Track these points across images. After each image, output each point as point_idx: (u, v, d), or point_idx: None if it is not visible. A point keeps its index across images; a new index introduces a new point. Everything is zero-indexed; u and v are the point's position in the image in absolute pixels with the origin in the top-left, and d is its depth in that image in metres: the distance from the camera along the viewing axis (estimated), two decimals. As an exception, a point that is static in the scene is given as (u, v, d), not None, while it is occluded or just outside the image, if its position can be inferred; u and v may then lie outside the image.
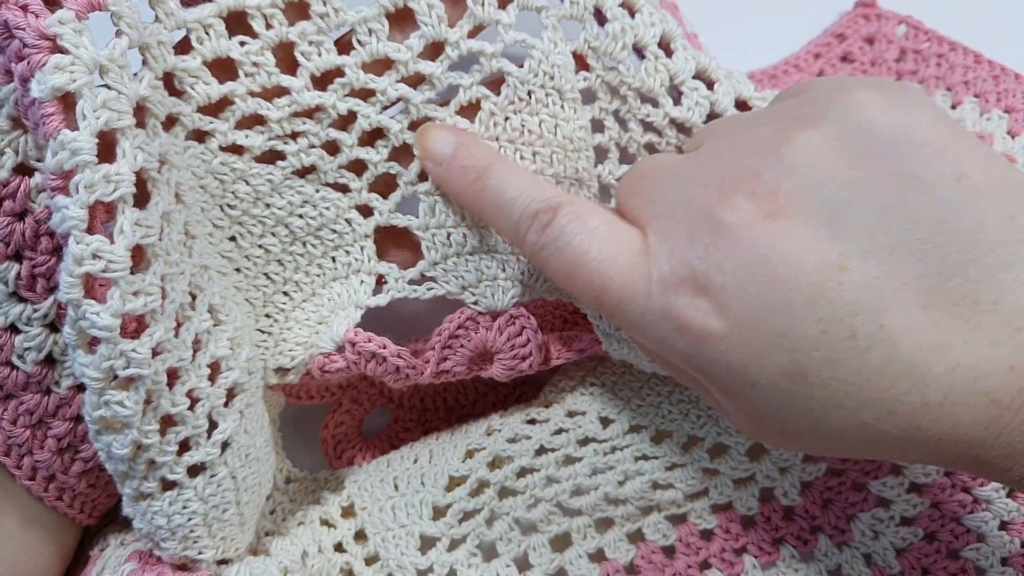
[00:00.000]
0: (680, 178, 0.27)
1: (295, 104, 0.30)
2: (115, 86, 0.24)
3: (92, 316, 0.24)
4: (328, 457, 0.40)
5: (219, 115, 0.30)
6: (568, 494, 0.36)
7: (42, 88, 0.23)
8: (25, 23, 0.23)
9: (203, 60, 0.29)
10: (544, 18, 0.31)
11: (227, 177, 0.31)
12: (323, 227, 0.33)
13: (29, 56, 0.23)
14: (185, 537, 0.30)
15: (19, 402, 0.29)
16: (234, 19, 0.29)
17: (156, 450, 0.27)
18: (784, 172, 0.25)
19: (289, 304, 0.34)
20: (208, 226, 0.31)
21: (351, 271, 0.33)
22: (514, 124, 0.32)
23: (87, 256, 0.24)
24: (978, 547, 0.35)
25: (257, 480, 0.32)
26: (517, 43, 0.31)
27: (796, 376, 0.24)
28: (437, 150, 0.31)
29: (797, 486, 0.37)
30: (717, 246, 0.25)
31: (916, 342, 0.23)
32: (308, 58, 0.30)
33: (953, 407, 0.23)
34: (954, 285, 0.23)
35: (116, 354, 0.25)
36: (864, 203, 0.24)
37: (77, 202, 0.23)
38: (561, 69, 0.32)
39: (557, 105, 0.32)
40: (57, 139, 0.23)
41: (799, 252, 0.24)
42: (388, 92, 0.31)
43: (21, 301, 0.28)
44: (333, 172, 0.32)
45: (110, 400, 0.25)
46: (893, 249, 0.24)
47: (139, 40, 0.26)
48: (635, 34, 0.32)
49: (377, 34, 0.30)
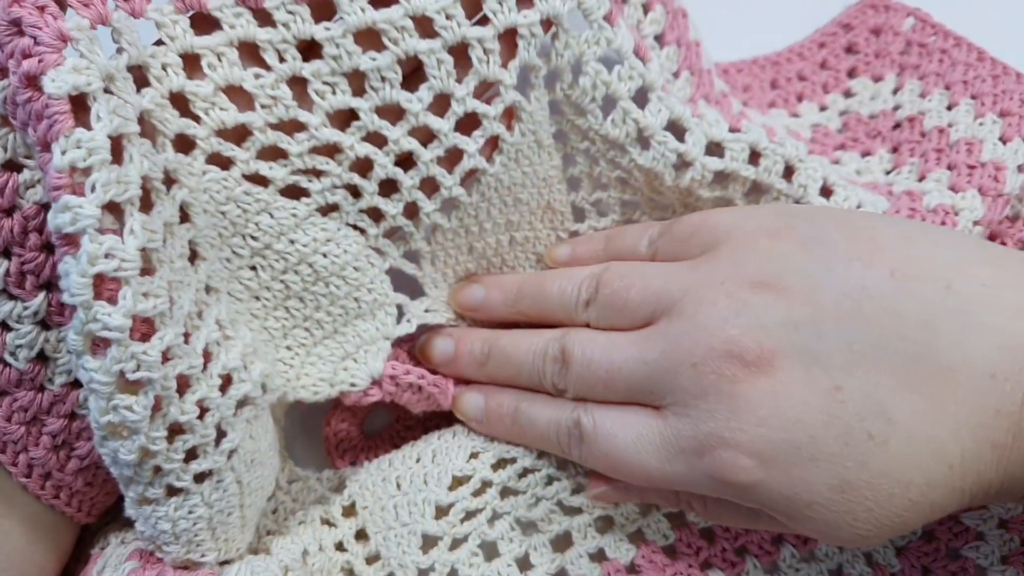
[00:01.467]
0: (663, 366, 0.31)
1: (314, 139, 0.30)
2: (121, 95, 0.25)
3: (103, 317, 0.24)
4: (330, 456, 0.40)
5: (241, 144, 0.30)
6: (569, 492, 0.36)
7: (59, 85, 0.23)
8: (43, 23, 0.23)
9: (216, 86, 0.29)
10: (534, 78, 0.32)
11: (251, 207, 0.31)
12: (347, 265, 0.33)
13: (42, 55, 0.23)
14: (189, 541, 0.30)
15: (13, 399, 0.29)
16: (247, 50, 0.29)
17: (163, 457, 0.27)
18: (758, 333, 0.29)
19: (310, 340, 0.34)
20: (226, 251, 0.31)
21: (376, 307, 0.34)
22: (504, 183, 0.34)
23: (100, 255, 0.24)
24: (977, 545, 0.36)
25: (260, 484, 0.32)
26: (515, 103, 0.32)
27: (843, 487, 0.28)
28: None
29: None
30: (734, 413, 0.29)
31: (918, 420, 0.27)
32: (323, 97, 0.30)
33: (970, 464, 0.27)
34: (928, 362, 0.27)
35: (127, 356, 0.24)
36: (830, 329, 0.28)
37: (93, 201, 0.23)
38: (541, 124, 0.33)
39: (535, 155, 0.34)
40: (71, 137, 0.23)
41: (800, 392, 0.28)
42: (401, 143, 0.31)
43: (11, 298, 0.28)
44: (355, 215, 0.33)
45: (118, 405, 0.25)
46: (865, 353, 0.28)
47: (139, 58, 0.27)
48: (607, 89, 0.33)
49: (391, 81, 0.30)
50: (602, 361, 0.32)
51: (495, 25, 0.30)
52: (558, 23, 0.31)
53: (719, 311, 0.30)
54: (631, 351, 0.32)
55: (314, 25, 0.29)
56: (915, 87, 0.42)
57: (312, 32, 0.29)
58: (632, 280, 0.33)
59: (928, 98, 0.41)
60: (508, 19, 0.30)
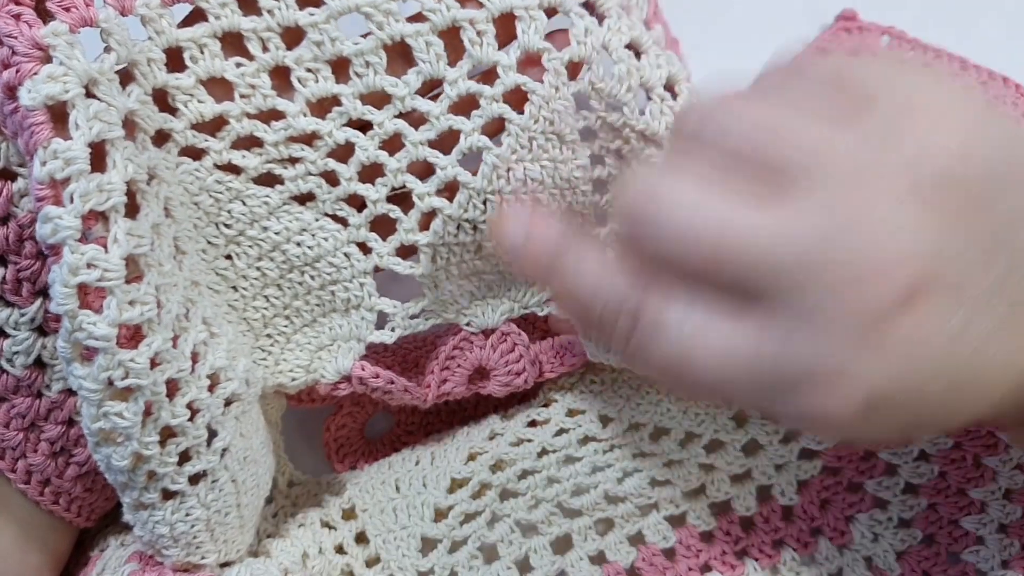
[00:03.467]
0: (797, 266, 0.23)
1: (291, 128, 0.30)
2: (105, 98, 0.25)
3: (88, 326, 0.24)
4: (331, 461, 0.40)
5: (215, 134, 0.30)
6: (569, 494, 0.36)
7: (34, 96, 0.23)
8: (17, 31, 0.23)
9: (197, 79, 0.29)
10: (546, 61, 0.31)
11: (222, 196, 0.31)
12: (320, 258, 0.32)
13: (19, 64, 0.23)
14: (188, 543, 0.30)
15: (11, 405, 0.29)
16: (230, 40, 0.29)
17: (157, 461, 0.27)
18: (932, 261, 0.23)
19: (290, 328, 0.34)
20: (202, 243, 0.31)
21: (350, 307, 0.33)
22: (517, 175, 0.32)
23: (82, 265, 0.24)
24: (978, 550, 0.35)
25: (256, 482, 0.32)
26: (518, 86, 0.31)
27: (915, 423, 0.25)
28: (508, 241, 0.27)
29: (794, 484, 0.37)
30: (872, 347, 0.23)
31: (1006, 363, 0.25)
32: (304, 84, 0.30)
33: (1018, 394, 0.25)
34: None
35: (114, 364, 0.25)
36: (982, 265, 0.23)
37: (72, 212, 0.24)
38: (561, 114, 0.31)
39: (556, 149, 0.32)
40: (48, 148, 0.23)
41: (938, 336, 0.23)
42: (386, 126, 0.31)
43: (7, 306, 0.29)
44: (332, 203, 0.32)
45: (109, 412, 0.25)
46: (993, 291, 0.24)
47: (128, 57, 0.27)
48: (641, 76, 0.32)
49: (375, 67, 0.30)
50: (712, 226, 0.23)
51: (488, 8, 0.30)
52: (565, 11, 0.30)
53: (895, 214, 0.23)
54: (763, 219, 0.23)
55: (298, 11, 0.29)
56: None
57: (296, 18, 0.29)
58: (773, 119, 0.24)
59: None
60: (503, 3, 0.30)
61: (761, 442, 0.37)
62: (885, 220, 0.23)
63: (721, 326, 0.24)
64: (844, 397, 0.23)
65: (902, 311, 0.23)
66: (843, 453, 0.37)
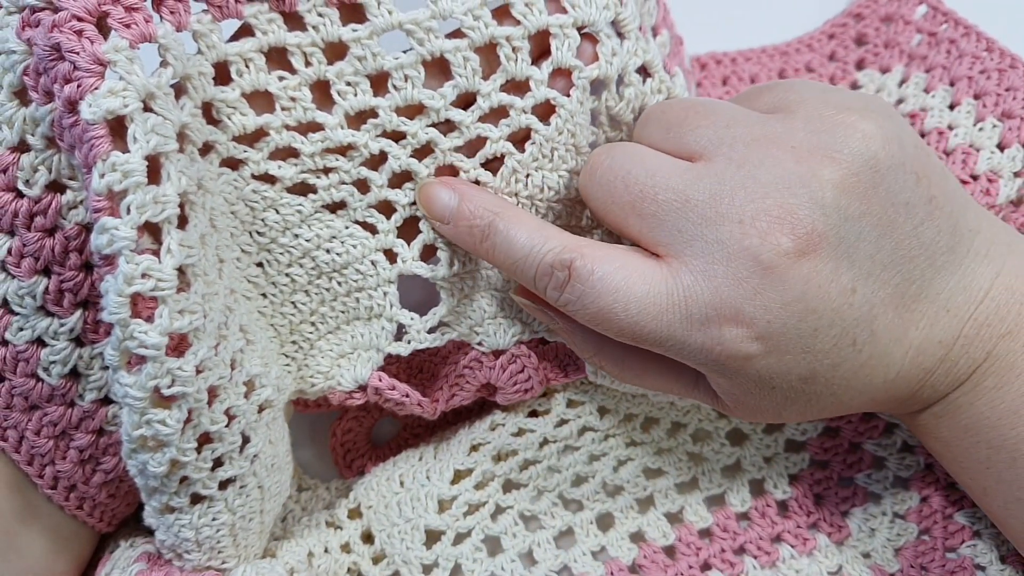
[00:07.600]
0: (704, 210, 0.28)
1: (328, 140, 0.31)
2: (161, 112, 0.25)
3: (140, 335, 0.24)
4: (338, 466, 0.40)
5: (254, 145, 0.30)
6: (569, 483, 0.37)
7: (94, 111, 0.23)
8: (80, 47, 0.24)
9: (242, 92, 0.29)
10: (576, 78, 0.31)
11: (258, 205, 0.31)
12: (348, 265, 0.33)
13: (80, 79, 0.24)
14: (211, 548, 0.30)
15: (43, 413, 0.29)
16: (274, 54, 0.30)
17: (192, 467, 0.27)
18: (816, 211, 0.27)
19: (315, 334, 0.34)
20: (236, 251, 0.32)
21: (372, 315, 0.34)
22: (535, 181, 0.33)
23: (137, 276, 0.24)
24: (974, 544, 0.35)
25: (279, 489, 0.33)
26: (547, 100, 0.31)
27: (808, 379, 0.29)
28: (439, 209, 0.32)
29: (785, 477, 0.38)
30: (763, 288, 0.27)
31: (889, 337, 0.29)
32: (344, 97, 0.30)
33: (900, 383, 0.30)
34: (915, 288, 0.29)
35: (163, 372, 0.25)
36: (868, 231, 0.28)
37: (128, 223, 0.24)
38: (582, 128, 0.32)
39: (574, 161, 0.33)
40: (107, 160, 0.24)
41: (826, 285, 0.28)
42: (419, 135, 0.31)
43: (48, 315, 0.29)
44: (363, 210, 0.32)
45: (152, 419, 0.26)
46: (885, 267, 0.28)
47: (183, 71, 0.27)
48: (642, 100, 0.33)
49: (413, 80, 0.30)
50: (640, 176, 0.29)
51: (525, 26, 0.30)
52: (596, 31, 0.31)
53: (785, 173, 0.28)
54: (675, 180, 0.29)
55: (342, 27, 0.29)
56: (920, 80, 0.42)
57: (340, 34, 0.29)
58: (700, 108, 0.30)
59: (932, 94, 0.41)
60: (539, 20, 0.30)
61: (744, 431, 0.39)
62: (786, 176, 0.28)
63: (642, 269, 0.29)
64: (743, 335, 0.28)
65: (797, 258, 0.27)
66: (828, 445, 0.38)
